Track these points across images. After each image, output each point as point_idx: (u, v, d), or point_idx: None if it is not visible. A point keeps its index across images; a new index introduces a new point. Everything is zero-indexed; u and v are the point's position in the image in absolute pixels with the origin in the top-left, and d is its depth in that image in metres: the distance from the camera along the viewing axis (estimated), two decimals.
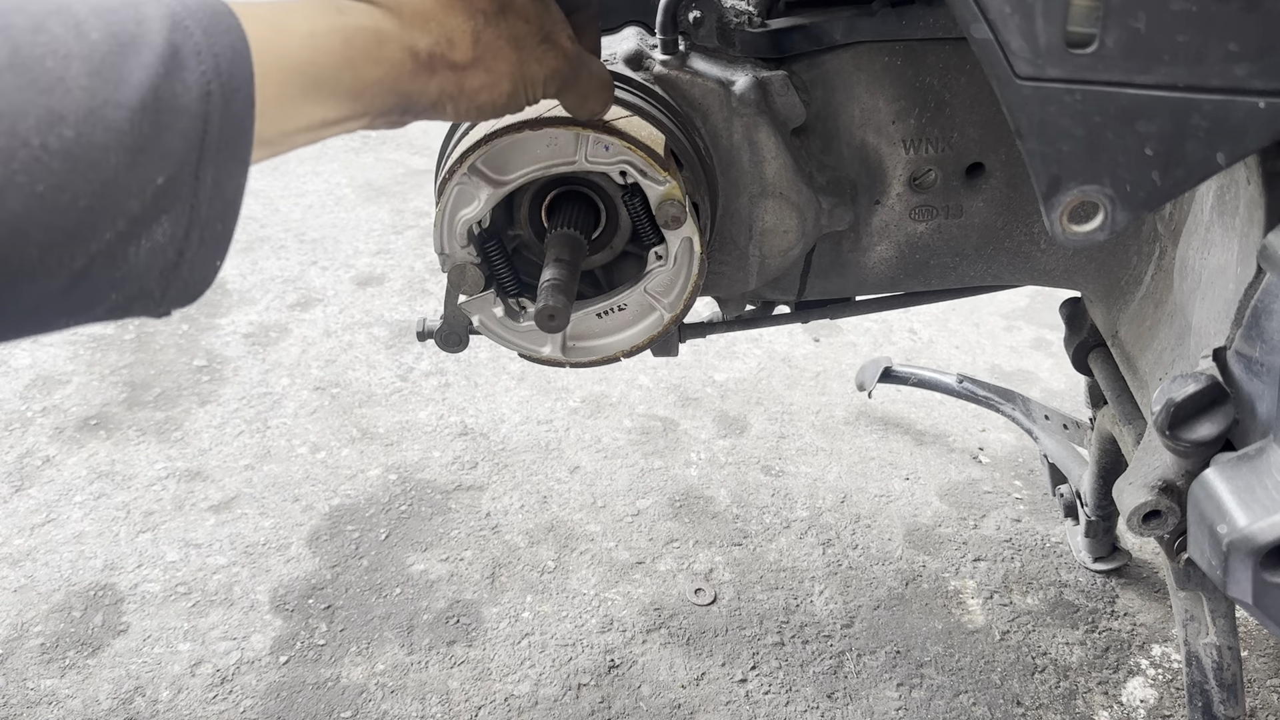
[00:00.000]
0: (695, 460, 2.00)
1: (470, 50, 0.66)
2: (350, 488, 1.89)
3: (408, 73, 0.62)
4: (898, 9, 0.97)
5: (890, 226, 1.09)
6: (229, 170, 0.49)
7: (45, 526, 1.76)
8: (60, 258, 0.44)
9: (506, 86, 0.70)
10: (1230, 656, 1.13)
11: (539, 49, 0.71)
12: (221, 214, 0.50)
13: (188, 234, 0.49)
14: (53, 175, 0.42)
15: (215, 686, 1.48)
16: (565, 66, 0.74)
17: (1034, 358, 2.44)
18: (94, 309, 0.48)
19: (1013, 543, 1.83)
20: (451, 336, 1.03)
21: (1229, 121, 0.62)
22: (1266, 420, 0.70)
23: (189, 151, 0.47)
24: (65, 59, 0.43)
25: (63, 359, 2.21)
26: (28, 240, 0.42)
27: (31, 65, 0.42)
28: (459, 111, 0.68)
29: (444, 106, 0.67)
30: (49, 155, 0.42)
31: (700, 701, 1.49)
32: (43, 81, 0.42)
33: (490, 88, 0.69)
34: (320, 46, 0.56)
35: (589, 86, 0.78)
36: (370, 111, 0.62)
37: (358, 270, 2.64)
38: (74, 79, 0.43)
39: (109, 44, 0.45)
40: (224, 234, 0.51)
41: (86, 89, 0.43)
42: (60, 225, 0.43)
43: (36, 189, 0.42)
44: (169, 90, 0.46)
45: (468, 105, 0.68)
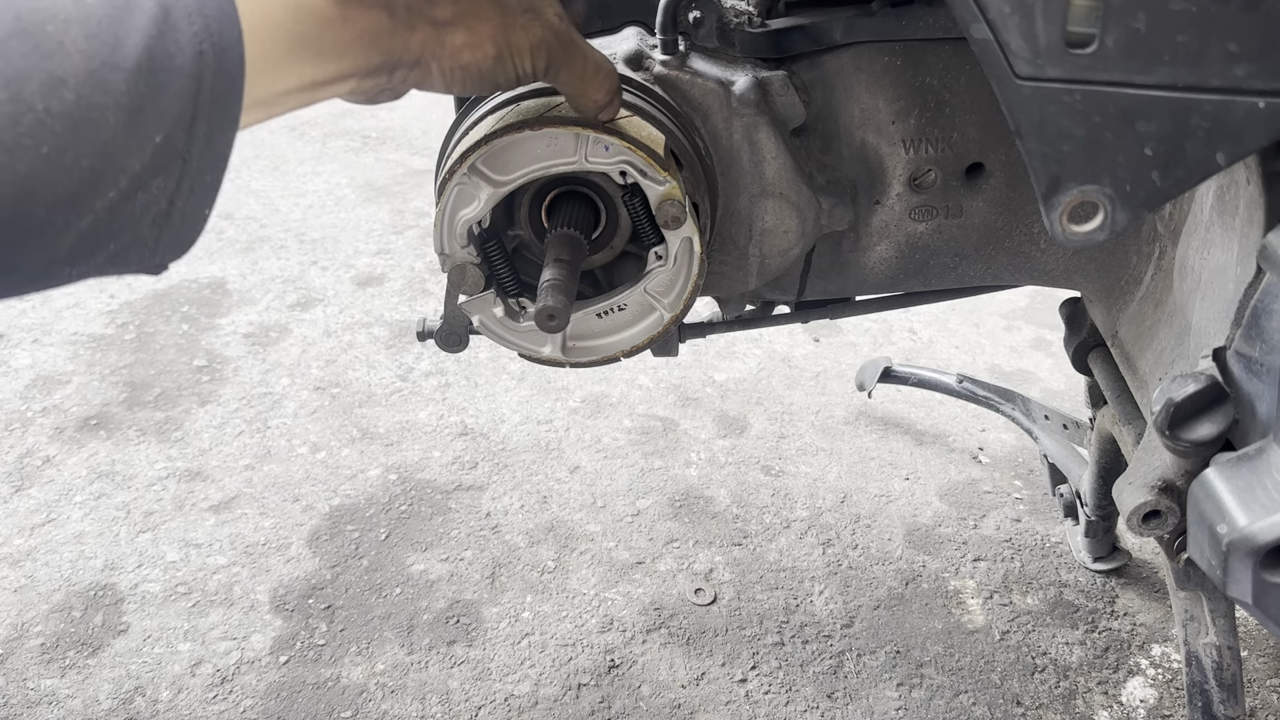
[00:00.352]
0: (695, 460, 2.00)
1: (450, 8, 0.67)
2: (350, 488, 1.89)
3: (386, 28, 0.63)
4: (898, 9, 0.97)
5: (890, 226, 1.09)
6: (221, 126, 0.51)
7: (45, 526, 1.76)
8: (67, 216, 0.46)
9: (490, 49, 0.70)
10: (1230, 656, 1.13)
11: (523, 17, 0.72)
12: (212, 166, 0.52)
13: (179, 185, 0.51)
14: (56, 137, 0.44)
15: (215, 686, 1.49)
16: (552, 38, 0.74)
17: (1034, 358, 2.44)
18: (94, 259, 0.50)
19: (1013, 543, 1.83)
20: (451, 336, 1.03)
21: (1229, 121, 0.62)
22: (1266, 420, 0.70)
23: (184, 109, 0.49)
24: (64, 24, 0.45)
25: (63, 359, 2.21)
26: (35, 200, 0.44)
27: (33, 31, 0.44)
28: (444, 71, 0.69)
29: (428, 65, 0.68)
30: (52, 118, 0.44)
31: (700, 701, 1.49)
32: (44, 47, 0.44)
33: (473, 47, 0.69)
34: (303, 4, 0.58)
35: (584, 69, 0.78)
36: (356, 71, 0.63)
37: (358, 270, 2.64)
38: (73, 43, 0.44)
39: (104, 8, 0.46)
40: (213, 184, 0.53)
41: (85, 52, 0.45)
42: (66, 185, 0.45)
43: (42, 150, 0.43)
44: (163, 51, 0.47)
45: (451, 64, 0.69)
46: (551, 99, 0.88)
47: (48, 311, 2.36)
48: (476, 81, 0.72)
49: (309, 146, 3.34)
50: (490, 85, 0.74)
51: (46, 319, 2.34)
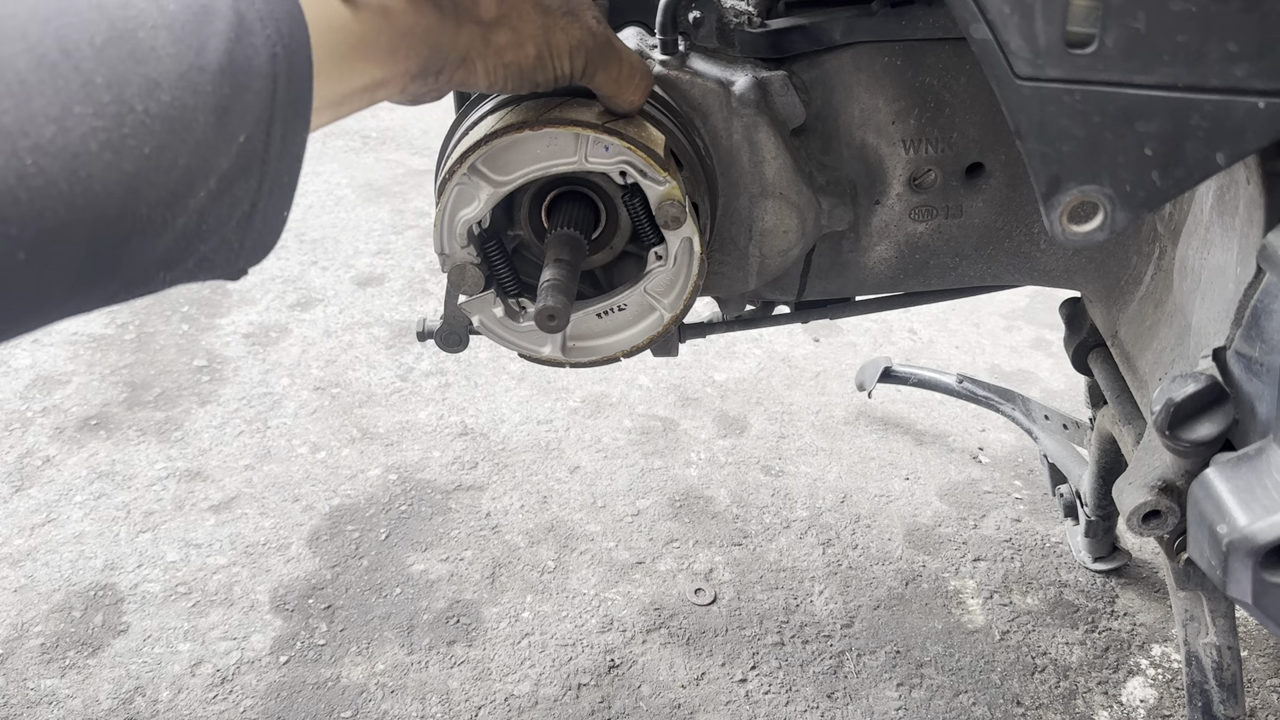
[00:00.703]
0: (695, 460, 2.00)
1: (495, 8, 0.69)
2: (350, 488, 1.89)
3: (436, 26, 0.65)
4: (898, 9, 0.97)
5: (890, 226, 1.09)
6: (294, 126, 0.53)
7: (45, 526, 1.76)
8: (164, 215, 0.48)
9: (531, 49, 0.72)
10: (1230, 656, 1.13)
11: (563, 19, 0.74)
12: (289, 167, 0.54)
13: (260, 186, 0.52)
14: (155, 137, 0.46)
15: (215, 686, 1.49)
16: (590, 40, 0.76)
17: (1034, 358, 2.44)
18: (185, 263, 0.51)
19: (1013, 543, 1.83)
20: (451, 336, 1.03)
21: (1229, 121, 0.62)
22: (1266, 420, 0.70)
23: (263, 110, 0.51)
24: (153, 29, 0.46)
25: (63, 359, 2.21)
26: (140, 199, 0.46)
27: (127, 37, 0.45)
28: (488, 69, 0.71)
29: (473, 63, 0.70)
30: (151, 119, 0.45)
31: (700, 701, 1.49)
32: (139, 51, 0.46)
33: (516, 47, 0.71)
34: (360, 3, 0.60)
35: (620, 71, 0.80)
36: (408, 70, 0.65)
37: (358, 270, 2.64)
38: (163, 48, 0.46)
39: (186, 14, 0.48)
40: (289, 185, 0.55)
41: (174, 56, 0.47)
42: (165, 183, 0.47)
43: (144, 150, 0.45)
44: (242, 54, 0.49)
45: (495, 62, 0.71)
46: (551, 98, 0.88)
47: None
48: (518, 80, 0.74)
49: (309, 146, 3.33)
50: (530, 85, 0.75)
51: None
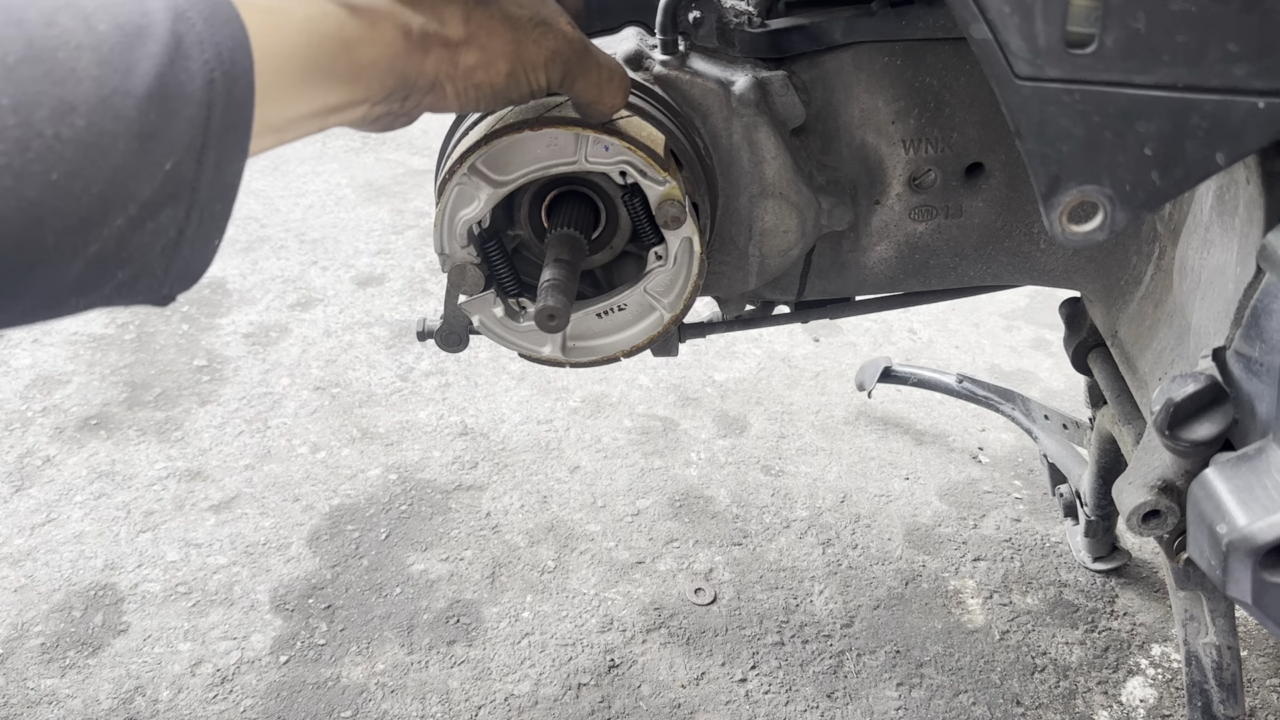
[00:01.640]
0: (695, 460, 2.00)
1: (462, 27, 0.67)
2: (350, 487, 1.89)
3: (402, 52, 0.63)
4: (898, 9, 0.97)
5: (890, 226, 1.09)
6: (230, 155, 0.51)
7: (45, 526, 1.76)
8: (75, 243, 0.46)
9: (503, 66, 0.70)
10: (1230, 656, 1.13)
11: (535, 31, 0.72)
12: (221, 195, 0.52)
13: (189, 214, 0.50)
14: (66, 163, 0.44)
15: (215, 686, 1.49)
16: (566, 48, 0.74)
17: (1034, 358, 2.44)
18: (102, 289, 0.50)
19: (1012, 542, 1.83)
20: (451, 336, 1.03)
21: (1228, 121, 0.62)
22: (1266, 420, 0.70)
23: (194, 137, 0.49)
24: (76, 50, 0.45)
25: (63, 359, 2.21)
26: (44, 227, 0.44)
27: (45, 57, 0.44)
28: (458, 92, 0.69)
29: (443, 87, 0.68)
30: (62, 144, 0.44)
31: (700, 701, 1.49)
32: (56, 73, 0.44)
33: (486, 66, 0.69)
34: (317, 30, 0.58)
35: (599, 76, 0.78)
36: (371, 96, 0.63)
37: (358, 270, 2.64)
38: (85, 70, 0.45)
39: (116, 35, 0.46)
40: (222, 214, 0.53)
41: (97, 79, 0.45)
42: (75, 211, 0.45)
43: (51, 177, 0.43)
44: (174, 79, 0.47)
45: (465, 84, 0.69)
46: (551, 99, 0.88)
47: None
48: (490, 99, 0.72)
49: (309, 146, 3.34)
50: (504, 102, 0.73)
51: None
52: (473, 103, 0.71)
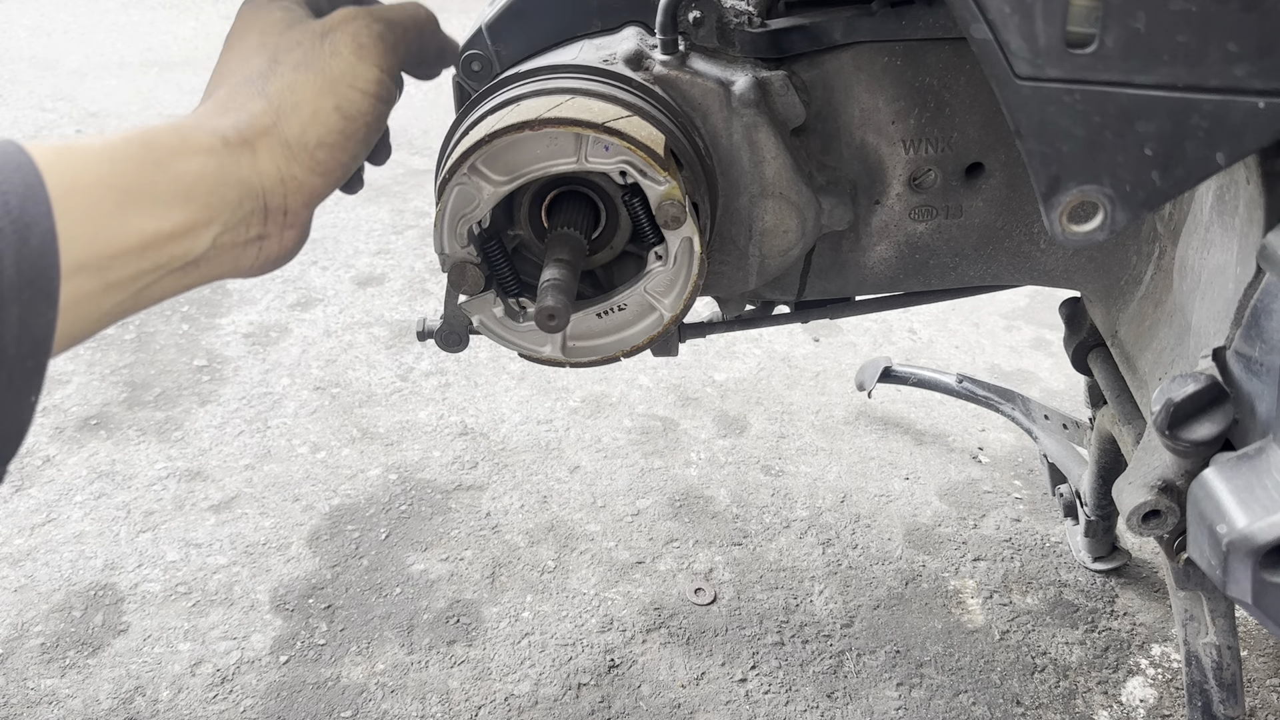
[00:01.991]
0: (695, 460, 2.00)
1: (264, 102, 0.64)
2: (350, 487, 1.89)
3: (228, 158, 0.60)
4: (898, 9, 0.97)
5: (890, 226, 1.09)
6: (35, 307, 0.48)
7: (45, 526, 1.76)
8: None
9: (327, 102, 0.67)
10: (1230, 656, 1.13)
11: (324, 47, 0.69)
12: (32, 351, 0.48)
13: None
14: None
15: (215, 686, 1.49)
16: (364, 30, 0.71)
17: (1034, 358, 2.44)
18: None
19: (1012, 542, 1.83)
20: (451, 336, 1.03)
21: (1229, 121, 0.62)
22: (1266, 420, 0.70)
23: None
24: None
25: (63, 359, 2.21)
26: None
27: None
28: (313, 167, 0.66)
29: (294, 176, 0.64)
30: None
31: (700, 701, 1.49)
32: None
33: (312, 118, 0.66)
34: (119, 155, 0.55)
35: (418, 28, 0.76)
36: (217, 215, 0.59)
37: (358, 270, 2.64)
38: None
39: None
40: (35, 370, 0.49)
41: None
42: None
43: None
44: None
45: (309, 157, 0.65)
46: (551, 99, 0.88)
47: None
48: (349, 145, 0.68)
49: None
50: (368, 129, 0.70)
51: None
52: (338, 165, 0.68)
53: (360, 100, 0.70)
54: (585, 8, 1.02)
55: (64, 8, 5.31)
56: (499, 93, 0.94)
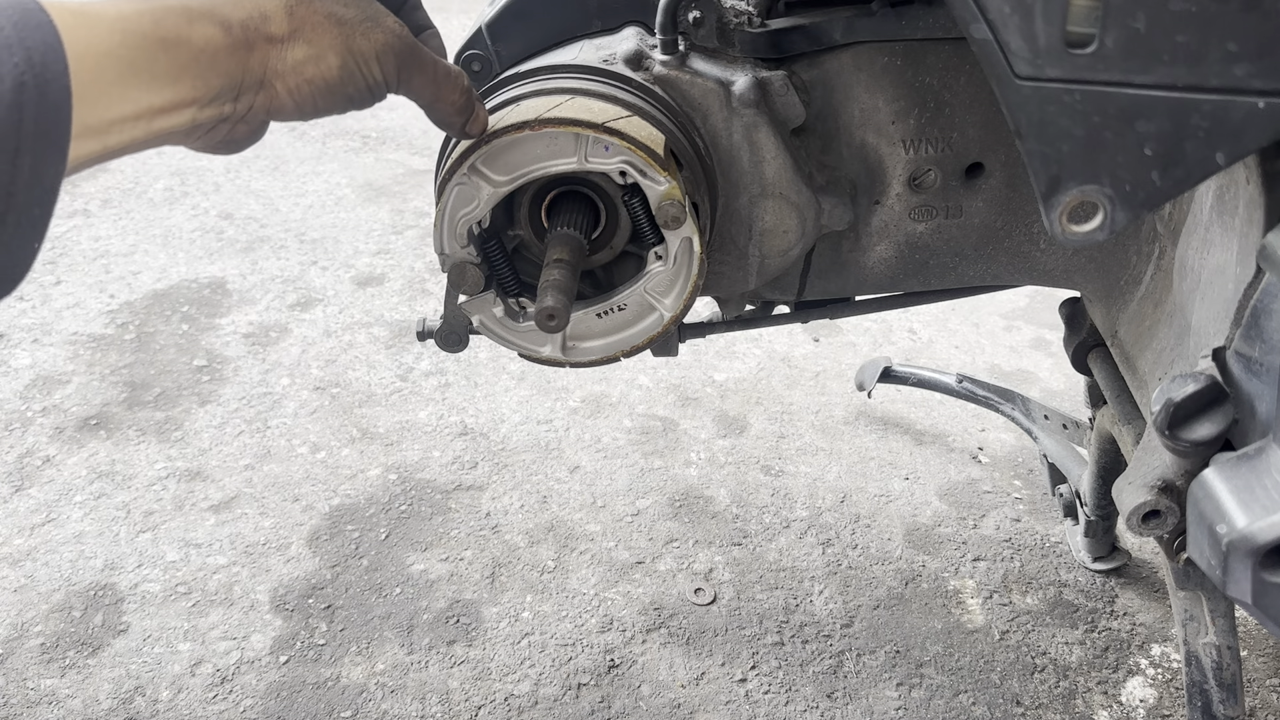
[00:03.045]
0: (695, 460, 2.00)
1: (285, 23, 0.67)
2: (350, 488, 1.89)
3: (224, 48, 0.63)
4: (897, 9, 0.97)
5: (890, 226, 1.09)
6: (47, 158, 0.51)
7: (45, 526, 1.76)
8: None
9: (334, 59, 0.70)
10: (1230, 656, 1.13)
11: (362, 25, 0.72)
12: (40, 199, 0.51)
13: (4, 218, 0.50)
14: None
15: (215, 686, 1.49)
16: (396, 42, 0.74)
17: (1033, 358, 2.44)
18: None
19: (1012, 542, 1.83)
20: (451, 336, 1.03)
21: (1228, 121, 0.62)
22: (1266, 420, 0.70)
23: (5, 141, 0.48)
24: None
25: (63, 359, 2.21)
26: None
27: None
28: (290, 90, 0.69)
29: (273, 85, 0.68)
30: None
31: (700, 701, 1.49)
32: None
33: (315, 60, 0.69)
34: (130, 29, 0.58)
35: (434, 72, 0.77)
36: (198, 97, 0.62)
37: (358, 270, 2.64)
38: None
39: None
40: (41, 218, 0.52)
41: None
42: None
43: None
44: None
45: (296, 80, 0.69)
46: (551, 99, 0.88)
47: (48, 311, 2.36)
48: (326, 95, 0.71)
49: (309, 146, 3.34)
50: (342, 99, 0.73)
51: (46, 319, 2.34)
52: (308, 100, 0.71)
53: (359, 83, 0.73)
54: (585, 8, 1.02)
55: None
56: (499, 93, 0.94)
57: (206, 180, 3.06)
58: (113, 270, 2.54)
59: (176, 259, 2.63)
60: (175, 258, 2.63)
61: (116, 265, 2.57)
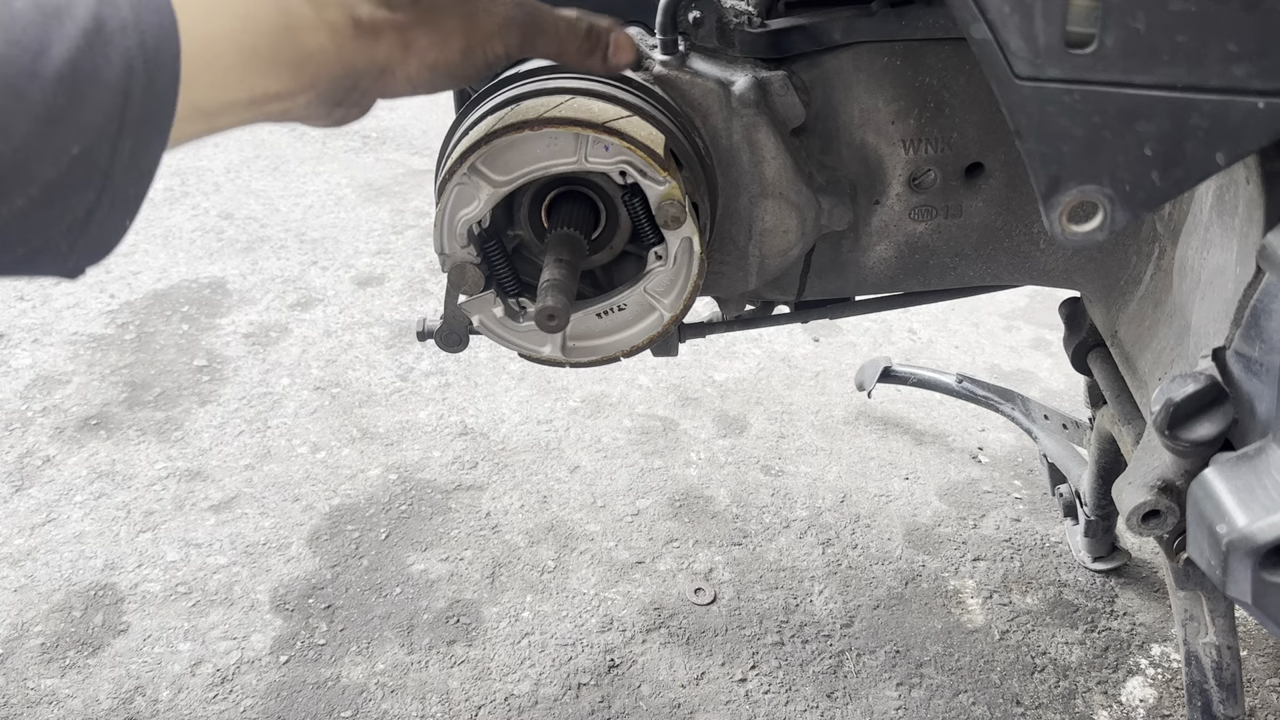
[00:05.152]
0: (695, 460, 2.00)
1: (411, 9, 0.65)
2: (350, 487, 1.89)
3: (350, 39, 0.62)
4: (897, 9, 0.97)
5: (889, 226, 1.09)
6: (147, 142, 0.50)
7: (45, 526, 1.76)
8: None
9: (458, 42, 0.69)
10: (1229, 656, 1.13)
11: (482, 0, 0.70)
12: (136, 180, 0.51)
13: (99, 197, 0.49)
14: None
15: (215, 686, 1.49)
16: (517, 12, 0.72)
17: (1033, 358, 2.44)
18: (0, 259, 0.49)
19: (1012, 542, 1.83)
20: (451, 336, 1.03)
21: (1228, 121, 0.62)
22: (1266, 420, 0.70)
23: (108, 123, 0.48)
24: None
25: (63, 359, 2.21)
26: None
27: None
28: (410, 75, 0.67)
29: (393, 72, 0.66)
30: None
31: (700, 701, 1.50)
32: None
33: (440, 44, 0.67)
34: (255, 15, 0.57)
35: (556, 27, 0.76)
36: (316, 85, 0.61)
37: (358, 270, 2.64)
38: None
39: (33, 14, 0.45)
40: (136, 197, 0.52)
41: (3, 57, 0.44)
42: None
43: None
44: (89, 63, 0.46)
45: (418, 65, 0.67)
46: (551, 99, 0.88)
47: (48, 311, 2.36)
48: (445, 79, 0.70)
49: (309, 146, 3.34)
50: (460, 80, 0.72)
51: (46, 319, 2.34)
52: (426, 84, 0.69)
53: (480, 62, 0.71)
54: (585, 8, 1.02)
55: None
56: (499, 92, 0.94)
57: (206, 180, 3.06)
58: (113, 270, 2.54)
59: (177, 259, 2.63)
60: (175, 258, 2.63)
61: (117, 265, 2.57)
